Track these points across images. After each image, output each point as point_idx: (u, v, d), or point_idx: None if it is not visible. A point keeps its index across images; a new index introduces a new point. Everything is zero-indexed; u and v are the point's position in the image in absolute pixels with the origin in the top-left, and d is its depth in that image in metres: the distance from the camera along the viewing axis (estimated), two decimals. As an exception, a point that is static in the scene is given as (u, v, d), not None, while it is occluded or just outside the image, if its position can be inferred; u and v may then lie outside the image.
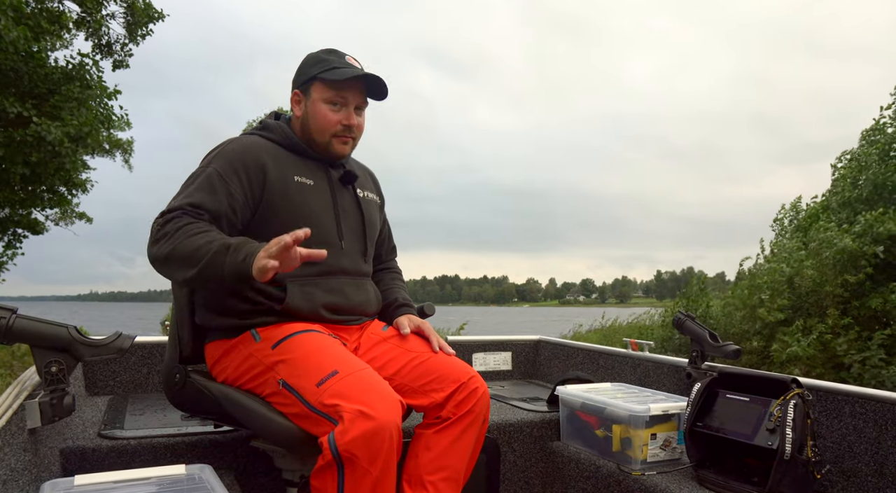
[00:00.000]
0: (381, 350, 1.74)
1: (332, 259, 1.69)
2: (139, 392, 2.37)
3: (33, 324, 1.38)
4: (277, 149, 1.72)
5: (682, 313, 2.28)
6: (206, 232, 1.45)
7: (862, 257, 8.86)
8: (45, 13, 9.97)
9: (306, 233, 1.33)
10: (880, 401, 1.69)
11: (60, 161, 9.36)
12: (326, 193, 1.75)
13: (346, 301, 1.74)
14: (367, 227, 1.83)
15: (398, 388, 1.63)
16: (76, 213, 13.41)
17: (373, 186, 1.97)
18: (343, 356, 1.52)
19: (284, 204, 1.66)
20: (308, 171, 1.73)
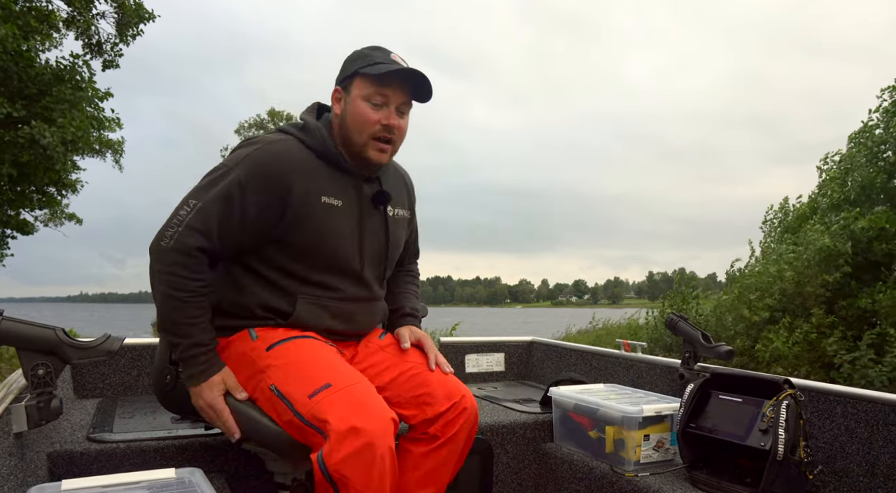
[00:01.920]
0: (377, 359, 1.71)
1: (348, 286, 1.67)
2: (129, 395, 2.35)
3: (19, 326, 1.37)
4: (310, 159, 1.60)
5: (675, 315, 2.28)
6: (191, 303, 1.49)
7: (838, 256, 8.93)
8: (33, 11, 9.90)
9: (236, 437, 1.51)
10: (871, 401, 1.70)
11: (51, 163, 9.30)
12: (354, 216, 1.65)
13: (352, 326, 1.72)
14: (391, 250, 1.76)
15: (390, 398, 1.60)
16: (66, 214, 13.32)
17: (405, 199, 1.84)
18: (338, 367, 1.49)
19: (306, 226, 1.57)
20: (338, 188, 1.62)
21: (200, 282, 1.50)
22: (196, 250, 1.48)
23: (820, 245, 8.98)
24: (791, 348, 8.61)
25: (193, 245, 1.48)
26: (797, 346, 8.62)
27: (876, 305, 8.50)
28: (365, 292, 1.72)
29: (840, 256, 8.94)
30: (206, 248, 1.50)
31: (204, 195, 1.51)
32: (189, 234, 1.48)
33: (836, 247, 8.92)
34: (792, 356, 8.62)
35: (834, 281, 8.93)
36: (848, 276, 8.99)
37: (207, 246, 1.50)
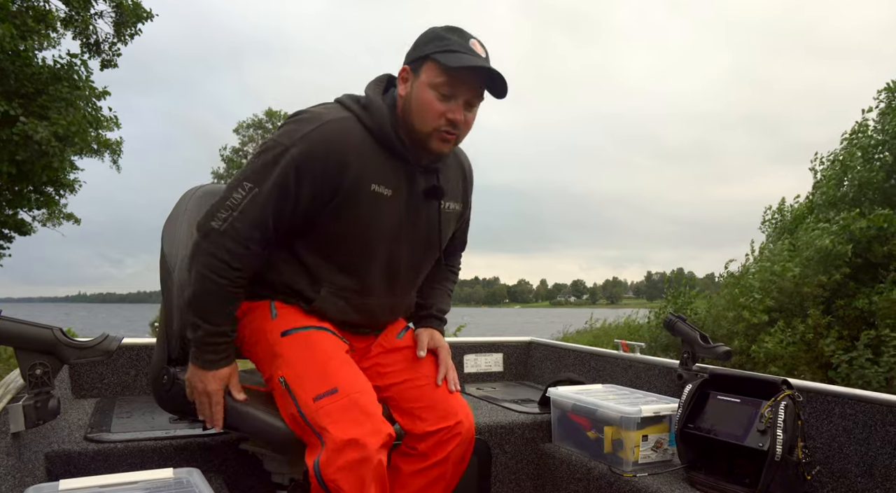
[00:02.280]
0: (388, 359, 1.68)
1: (380, 281, 1.60)
2: (127, 394, 2.34)
3: (17, 326, 1.36)
4: (365, 141, 1.48)
5: (673, 315, 2.28)
6: (228, 292, 1.46)
7: (837, 257, 8.96)
8: (31, 11, 9.89)
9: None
10: (869, 402, 1.70)
11: (48, 160, 9.29)
12: (402, 208, 1.54)
13: (371, 321, 1.67)
14: (435, 249, 1.67)
15: (388, 400, 1.61)
16: (64, 213, 13.31)
17: (460, 190, 1.71)
18: (346, 370, 1.46)
19: (349, 214, 1.49)
20: (390, 175, 1.51)
21: (241, 272, 1.45)
22: (251, 242, 1.44)
23: (819, 246, 9.00)
24: (785, 349, 8.62)
25: (249, 237, 1.43)
26: (792, 346, 8.63)
27: (873, 306, 8.52)
28: (396, 290, 1.65)
29: (839, 257, 8.96)
30: (261, 240, 1.45)
31: (261, 181, 1.43)
32: (244, 222, 1.42)
33: (836, 248, 8.94)
34: (788, 356, 8.63)
35: (832, 282, 8.95)
36: (847, 277, 9.01)
37: (261, 238, 1.45)
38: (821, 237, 9.22)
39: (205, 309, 1.46)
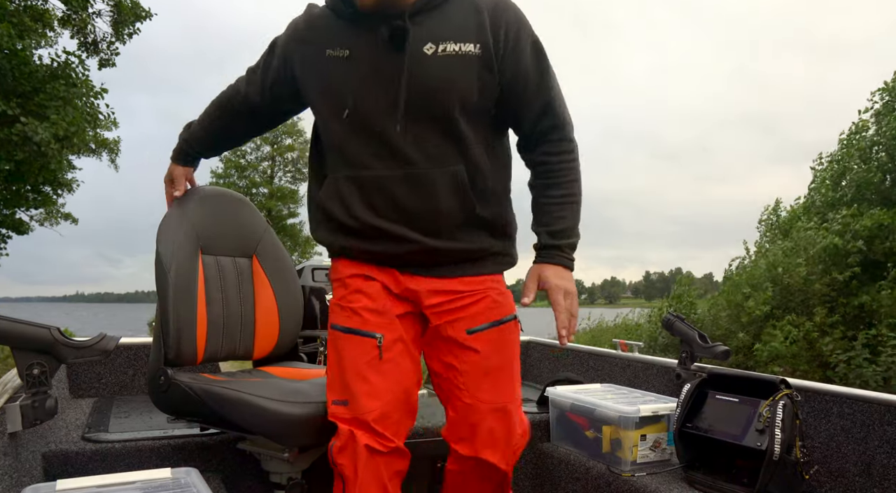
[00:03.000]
0: (442, 352, 1.46)
1: (363, 143, 1.37)
2: (125, 394, 2.34)
3: (14, 325, 1.36)
4: (322, 15, 1.42)
5: (672, 314, 2.28)
6: (217, 100, 1.65)
7: (848, 254, 8.98)
8: (28, 10, 9.87)
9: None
10: (867, 401, 1.70)
11: (45, 161, 9.28)
12: (366, 63, 1.35)
13: (396, 208, 1.38)
14: (416, 93, 1.33)
15: (437, 390, 1.51)
16: (61, 213, 13.30)
17: (472, 28, 1.34)
18: (359, 388, 1.38)
19: (313, 85, 1.42)
20: (348, 36, 1.36)
21: (232, 96, 1.61)
22: (240, 81, 1.61)
23: (827, 243, 9.02)
24: (789, 347, 8.64)
25: (241, 90, 1.60)
26: (795, 345, 8.65)
27: (875, 304, 8.53)
28: (395, 155, 1.36)
29: (849, 254, 8.97)
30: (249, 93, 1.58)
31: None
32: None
33: (846, 245, 8.96)
34: (790, 356, 8.65)
35: (844, 279, 8.95)
36: (851, 275, 9.03)
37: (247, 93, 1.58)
38: (824, 236, 9.25)
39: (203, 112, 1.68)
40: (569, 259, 1.42)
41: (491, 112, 1.40)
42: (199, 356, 1.74)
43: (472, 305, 1.45)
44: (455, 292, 1.44)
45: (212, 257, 1.82)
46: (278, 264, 1.96)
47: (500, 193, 1.46)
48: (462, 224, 1.41)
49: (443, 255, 1.43)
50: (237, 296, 1.87)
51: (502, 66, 1.35)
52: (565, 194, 1.42)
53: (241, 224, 1.90)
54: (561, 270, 1.41)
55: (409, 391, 1.44)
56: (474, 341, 1.43)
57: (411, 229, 1.39)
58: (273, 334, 1.93)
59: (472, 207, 1.39)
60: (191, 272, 1.71)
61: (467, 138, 1.37)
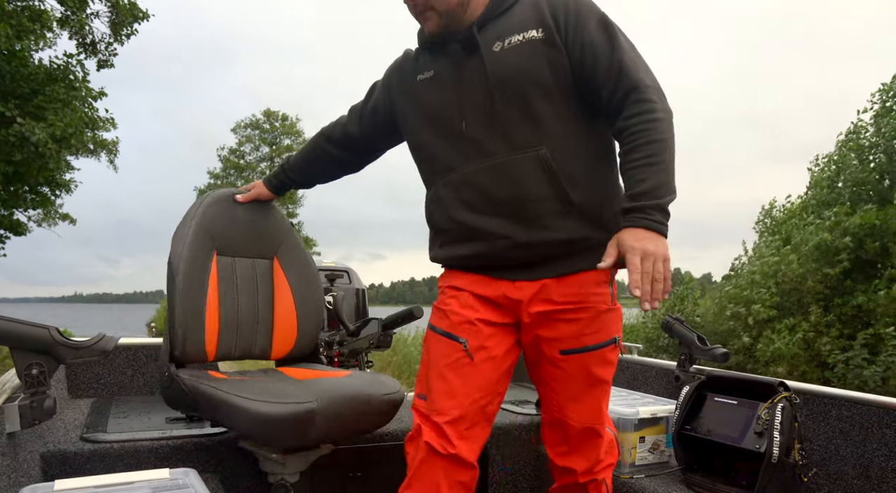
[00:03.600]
0: (539, 366, 1.52)
1: (451, 146, 1.45)
2: (123, 394, 2.34)
3: (13, 325, 1.36)
4: (415, 52, 1.58)
5: (671, 317, 2.28)
6: (318, 132, 1.82)
7: (838, 251, 9.00)
8: (26, 11, 9.86)
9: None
10: (865, 404, 1.70)
11: (43, 162, 9.27)
12: (448, 75, 1.46)
13: (486, 199, 1.41)
14: (492, 86, 1.38)
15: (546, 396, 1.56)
16: (59, 214, 13.27)
17: (532, 19, 1.39)
18: (439, 386, 1.46)
19: (408, 108, 1.56)
20: (433, 61, 1.50)
21: (332, 127, 1.77)
22: (342, 117, 1.77)
23: (818, 240, 9.03)
24: (790, 348, 8.64)
25: (342, 122, 1.77)
26: (794, 345, 8.66)
27: (871, 303, 8.54)
28: (473, 148, 1.42)
29: (840, 250, 8.98)
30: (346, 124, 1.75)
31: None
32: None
33: (835, 242, 8.98)
34: (790, 356, 8.66)
35: (835, 276, 8.96)
36: (844, 273, 9.04)
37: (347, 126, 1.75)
38: (815, 233, 9.27)
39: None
40: (652, 220, 1.27)
41: (572, 95, 1.39)
42: (211, 355, 1.77)
43: (573, 321, 1.43)
44: (556, 302, 1.43)
45: (228, 258, 1.86)
46: (299, 266, 1.98)
47: (597, 179, 1.42)
48: (554, 212, 1.39)
49: (537, 249, 1.41)
50: (253, 297, 1.89)
51: (568, 43, 1.37)
52: (646, 155, 1.30)
53: (260, 227, 1.93)
54: (641, 232, 1.27)
55: (487, 400, 1.46)
56: (566, 363, 1.46)
57: (502, 220, 1.40)
58: (291, 335, 1.94)
59: (562, 192, 1.37)
60: (200, 273, 1.74)
61: (548, 121, 1.38)
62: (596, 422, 1.49)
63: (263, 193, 1.92)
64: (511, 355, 1.51)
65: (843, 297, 9.02)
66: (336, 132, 1.76)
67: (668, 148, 1.32)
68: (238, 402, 1.46)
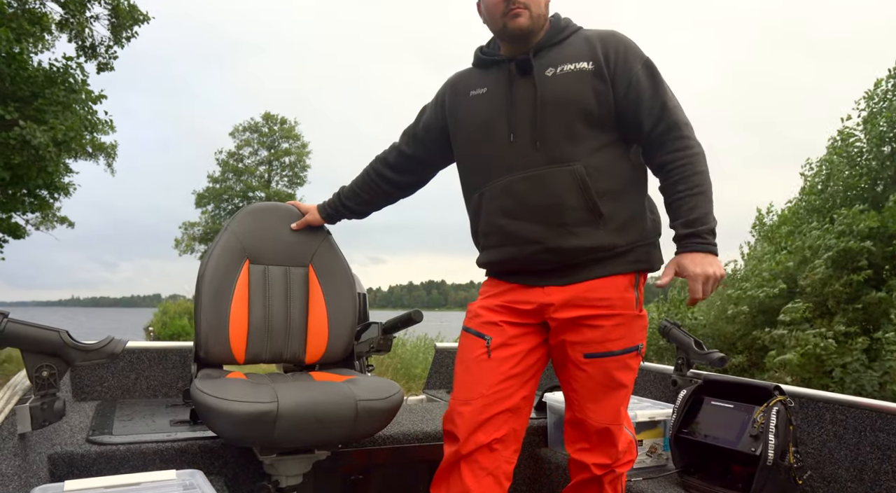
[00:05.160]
0: (563, 367, 1.59)
1: (497, 156, 1.57)
2: (127, 398, 2.36)
3: (25, 328, 1.38)
4: (467, 71, 1.71)
5: (668, 321, 2.31)
6: (373, 159, 1.90)
7: (859, 256, 8.95)
8: (26, 14, 9.88)
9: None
10: (859, 408, 1.73)
11: (43, 165, 9.27)
12: (501, 92, 1.58)
13: (522, 206, 1.53)
14: (541, 106, 1.51)
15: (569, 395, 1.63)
16: (58, 217, 13.27)
17: (584, 52, 1.54)
18: (463, 379, 1.58)
19: (459, 120, 1.67)
20: (486, 78, 1.63)
21: (387, 151, 1.87)
22: (393, 145, 1.86)
23: (843, 246, 9.00)
24: (800, 358, 8.59)
25: (395, 145, 1.87)
26: (804, 356, 8.60)
27: (884, 304, 8.48)
28: (517, 158, 1.54)
29: (859, 255, 8.94)
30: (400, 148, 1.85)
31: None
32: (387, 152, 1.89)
33: (856, 246, 8.94)
34: (795, 365, 8.63)
35: (859, 281, 8.90)
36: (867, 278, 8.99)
37: (400, 147, 1.85)
38: (825, 238, 9.26)
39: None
40: (708, 243, 1.46)
41: (610, 122, 1.53)
42: (240, 357, 1.87)
43: (599, 327, 1.52)
44: (584, 307, 1.52)
45: (260, 266, 1.95)
46: (332, 273, 2.04)
47: (626, 195, 1.54)
48: (584, 221, 1.50)
49: (565, 254, 1.52)
50: (284, 303, 1.97)
51: (615, 78, 1.52)
52: (692, 186, 1.47)
53: (294, 235, 2.02)
54: (700, 256, 1.45)
55: (509, 392, 1.54)
56: (589, 366, 1.54)
57: (535, 226, 1.52)
58: (323, 340, 1.99)
59: (592, 204, 1.50)
60: (227, 280, 1.86)
61: (586, 141, 1.51)
62: (614, 423, 1.57)
63: (315, 221, 2.01)
64: (537, 353, 1.60)
65: (857, 300, 8.96)
66: (391, 155, 1.86)
67: (708, 180, 1.50)
68: (208, 401, 1.49)
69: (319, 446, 1.68)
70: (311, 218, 2.00)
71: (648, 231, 1.57)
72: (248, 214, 1.98)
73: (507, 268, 1.61)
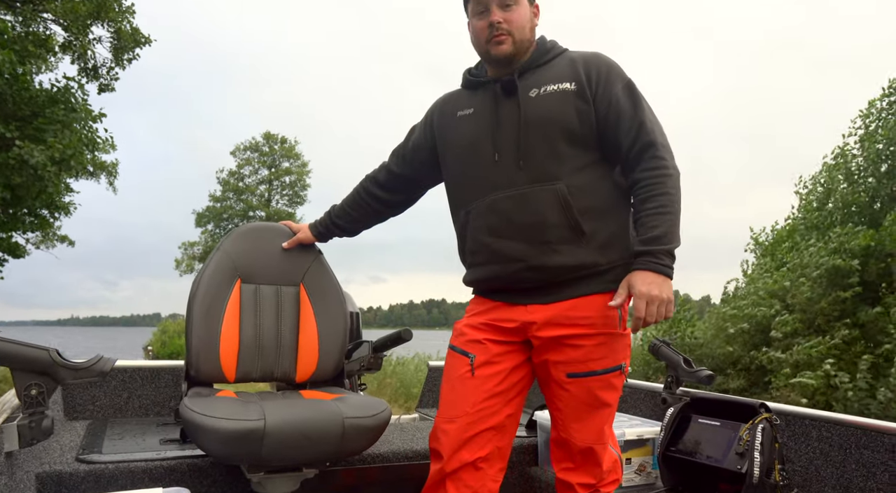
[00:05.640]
0: (559, 394, 1.59)
1: (483, 175, 1.61)
2: (118, 417, 2.36)
3: (14, 346, 1.40)
4: (456, 92, 1.76)
5: (658, 340, 2.32)
6: (363, 178, 1.93)
7: (848, 274, 8.96)
8: (31, 37, 10.01)
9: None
10: (845, 425, 1.74)
11: (43, 185, 9.31)
12: (487, 113, 1.63)
13: (506, 224, 1.56)
14: (524, 126, 1.56)
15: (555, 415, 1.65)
16: (58, 236, 13.29)
17: (567, 73, 1.59)
18: (447, 397, 1.61)
19: (447, 140, 1.71)
20: (473, 99, 1.68)
21: (376, 171, 1.90)
22: (383, 165, 1.90)
23: (831, 264, 9.00)
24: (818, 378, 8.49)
25: (385, 164, 1.90)
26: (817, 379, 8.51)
27: (880, 323, 8.45)
28: (502, 177, 1.57)
29: (849, 273, 8.94)
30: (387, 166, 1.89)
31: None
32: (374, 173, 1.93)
33: (845, 264, 8.95)
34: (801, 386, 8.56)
35: (850, 299, 8.89)
36: (855, 296, 8.98)
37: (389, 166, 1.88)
38: (817, 255, 9.26)
39: None
40: (661, 264, 1.45)
41: (593, 142, 1.57)
42: (230, 375, 1.89)
43: (581, 346, 1.53)
44: (566, 325, 1.54)
45: (251, 285, 1.97)
46: (323, 292, 2.05)
47: (608, 214, 1.57)
48: (566, 239, 1.53)
49: (548, 272, 1.54)
50: (275, 322, 1.99)
51: (596, 99, 1.56)
52: (657, 205, 1.49)
53: (285, 255, 2.04)
54: (651, 276, 1.44)
55: (493, 410, 1.56)
56: (572, 385, 1.55)
57: (519, 244, 1.55)
58: (313, 358, 2.01)
59: (574, 222, 1.52)
60: (218, 299, 1.88)
61: (569, 161, 1.55)
62: (597, 442, 1.59)
63: (307, 239, 2.03)
64: (521, 371, 1.62)
65: (849, 318, 8.94)
66: (380, 174, 1.89)
67: (677, 201, 1.51)
68: (196, 418, 1.50)
69: (307, 463, 1.68)
70: (302, 236, 2.02)
71: (631, 250, 1.58)
72: (240, 233, 2.01)
73: (492, 286, 1.64)
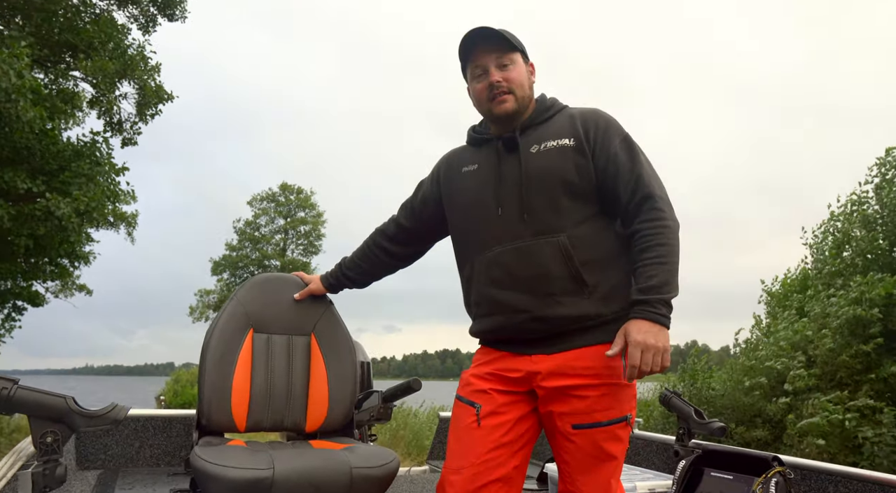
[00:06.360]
0: (553, 437, 1.61)
1: (486, 229, 1.66)
2: (130, 466, 2.37)
3: (33, 394, 1.44)
4: (461, 149, 1.83)
5: (669, 391, 2.31)
6: (373, 232, 2.00)
7: (870, 324, 8.78)
8: (60, 93, 10.41)
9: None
10: (862, 480, 1.71)
11: (65, 235, 9.51)
12: (490, 168, 1.69)
13: (510, 276, 1.59)
14: (526, 181, 1.61)
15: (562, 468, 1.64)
16: (76, 284, 13.47)
17: (567, 129, 1.65)
18: (454, 448, 1.61)
19: (452, 195, 1.78)
20: (477, 155, 1.75)
21: (386, 225, 1.97)
22: (392, 218, 1.97)
23: (852, 314, 8.85)
24: (823, 426, 8.28)
25: (394, 218, 1.97)
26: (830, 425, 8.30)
27: None
28: (504, 231, 1.62)
29: (870, 324, 8.78)
30: (398, 221, 1.96)
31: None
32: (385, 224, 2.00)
33: (865, 314, 8.80)
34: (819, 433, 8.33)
35: (872, 350, 8.71)
36: (878, 347, 8.81)
37: (398, 220, 1.96)
38: (838, 304, 9.12)
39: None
40: (657, 313, 1.47)
41: (593, 195, 1.62)
42: (241, 425, 1.91)
43: (585, 397, 1.54)
44: (571, 376, 1.55)
45: (263, 335, 2.01)
46: (333, 342, 2.09)
47: (610, 265, 1.60)
48: (569, 290, 1.56)
49: (552, 323, 1.57)
50: (285, 371, 2.01)
51: (594, 154, 1.62)
52: (655, 255, 1.52)
53: (297, 305, 2.08)
54: (646, 324, 1.47)
55: (499, 461, 1.55)
56: (577, 437, 1.56)
57: (523, 295, 1.58)
58: (323, 408, 2.02)
59: (577, 273, 1.56)
60: (230, 348, 1.92)
61: (570, 214, 1.60)
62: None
63: (318, 290, 2.08)
64: (527, 422, 1.61)
65: (874, 370, 8.74)
66: (390, 228, 1.96)
67: (675, 252, 1.54)
68: (206, 467, 1.51)
69: None
70: (314, 287, 2.07)
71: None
72: (254, 283, 2.06)
73: (498, 336, 1.66)
